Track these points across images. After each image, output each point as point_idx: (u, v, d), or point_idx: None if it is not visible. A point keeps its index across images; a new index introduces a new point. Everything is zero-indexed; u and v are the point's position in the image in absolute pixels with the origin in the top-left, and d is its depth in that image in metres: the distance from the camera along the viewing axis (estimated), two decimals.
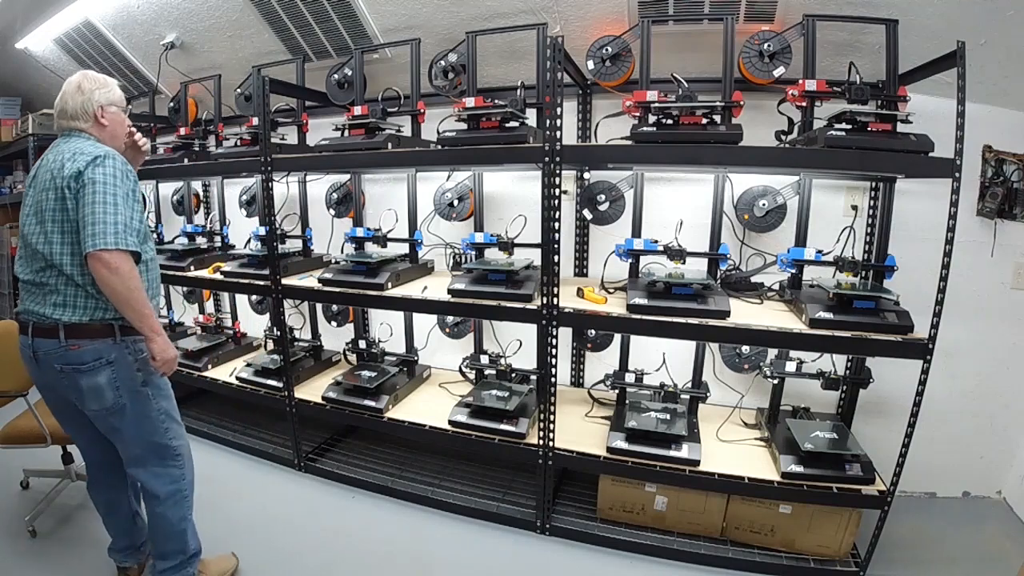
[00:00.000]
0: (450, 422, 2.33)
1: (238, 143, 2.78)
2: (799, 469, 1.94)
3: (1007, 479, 2.46)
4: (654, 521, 2.21)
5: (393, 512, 2.42)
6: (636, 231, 2.37)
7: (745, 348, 2.36)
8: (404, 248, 2.75)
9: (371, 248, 2.75)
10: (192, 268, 2.96)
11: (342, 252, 2.92)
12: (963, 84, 1.63)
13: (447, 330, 2.83)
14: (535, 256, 2.17)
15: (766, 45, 2.08)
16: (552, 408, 2.14)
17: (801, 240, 2.19)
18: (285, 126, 2.89)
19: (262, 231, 2.80)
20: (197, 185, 3.69)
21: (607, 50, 2.23)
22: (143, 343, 1.61)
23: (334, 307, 3.18)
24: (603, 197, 2.43)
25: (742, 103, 1.99)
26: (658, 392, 2.38)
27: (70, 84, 1.64)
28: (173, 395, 1.79)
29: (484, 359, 2.63)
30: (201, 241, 3.36)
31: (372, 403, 2.48)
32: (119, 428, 1.67)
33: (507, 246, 2.42)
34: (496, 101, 2.16)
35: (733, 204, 2.32)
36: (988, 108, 2.16)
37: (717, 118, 1.96)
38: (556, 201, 1.98)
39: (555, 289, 2.03)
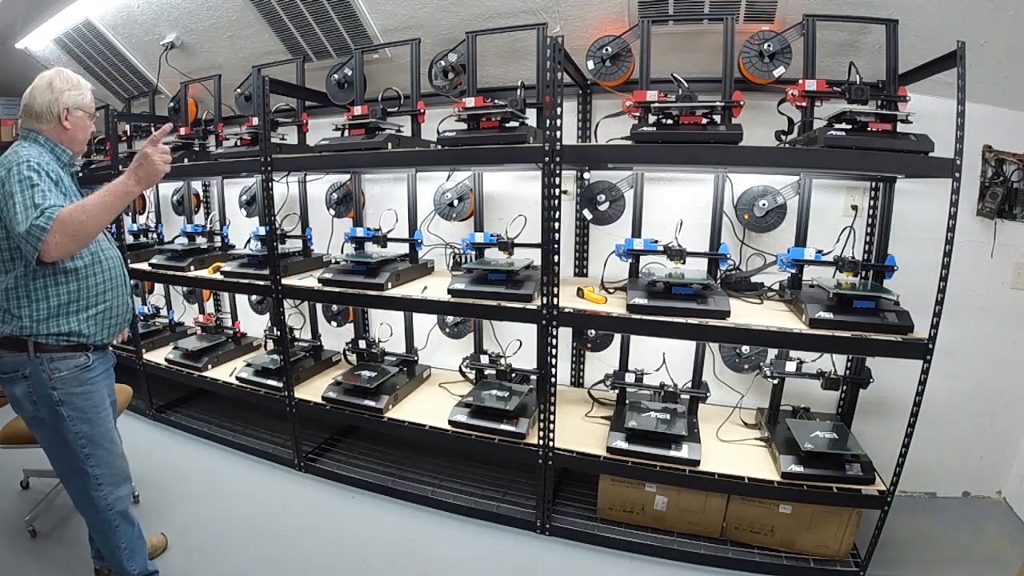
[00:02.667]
0: (450, 422, 2.33)
1: (238, 143, 2.78)
2: (799, 469, 1.94)
3: (1007, 479, 2.46)
4: (654, 521, 2.21)
5: (393, 512, 2.42)
6: (636, 231, 2.37)
7: (745, 348, 2.36)
8: (404, 248, 2.75)
9: (371, 248, 2.75)
10: (192, 268, 2.96)
11: (342, 252, 2.92)
12: (963, 84, 1.63)
13: (447, 330, 2.83)
14: (535, 256, 2.17)
15: (766, 45, 2.08)
16: (552, 408, 2.14)
17: (801, 240, 2.19)
18: (285, 126, 2.88)
19: (262, 231, 2.80)
20: (197, 185, 3.69)
21: (607, 50, 2.23)
22: (61, 361, 1.55)
23: (334, 307, 3.18)
24: (603, 197, 2.43)
25: (742, 103, 1.99)
26: (658, 392, 2.38)
27: (41, 79, 1.60)
28: (106, 419, 1.69)
29: (484, 359, 2.63)
30: (201, 241, 3.35)
31: (372, 403, 2.48)
32: (41, 441, 1.66)
33: (507, 246, 2.42)
34: (496, 101, 2.16)
35: (733, 204, 2.32)
36: (988, 108, 2.16)
37: (717, 118, 1.96)
38: (556, 201, 1.98)
39: (555, 289, 2.03)
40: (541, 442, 2.18)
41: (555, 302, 2.04)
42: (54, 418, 1.58)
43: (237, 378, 2.87)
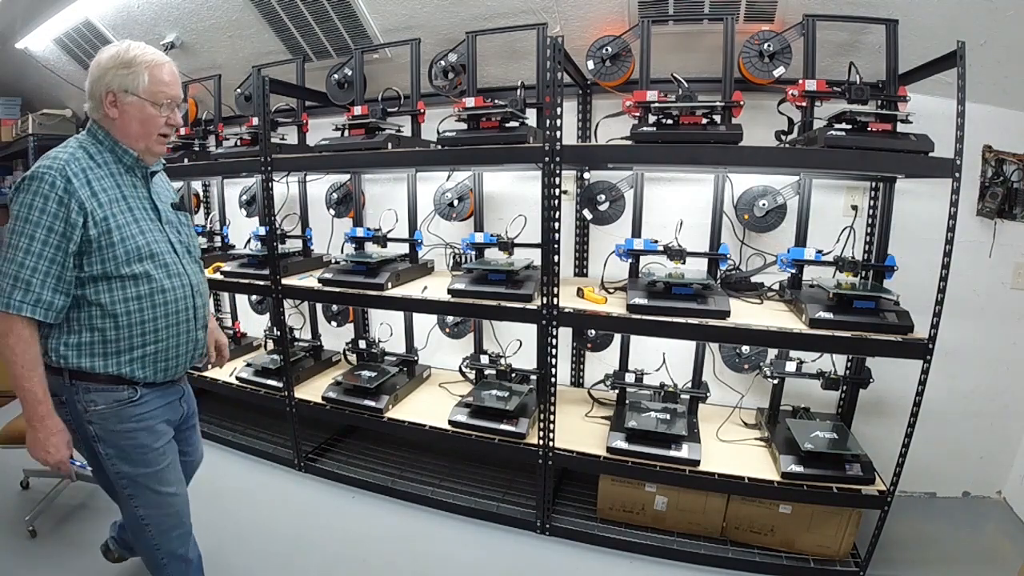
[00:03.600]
0: (450, 422, 2.33)
1: (238, 143, 2.78)
2: (799, 469, 1.94)
3: (1007, 479, 2.46)
4: (654, 521, 2.21)
5: (393, 512, 2.42)
6: (636, 231, 2.37)
7: (745, 348, 2.36)
8: (404, 248, 2.75)
9: (371, 248, 2.75)
10: None
11: (342, 252, 2.92)
12: (963, 84, 1.63)
13: (447, 330, 2.83)
14: (535, 256, 2.17)
15: (766, 45, 2.08)
16: (552, 408, 2.14)
17: (801, 240, 2.19)
18: (285, 126, 2.88)
19: (262, 231, 2.80)
20: (197, 185, 3.69)
21: (607, 50, 2.23)
22: (98, 393, 1.35)
23: (334, 307, 3.18)
24: (603, 197, 2.43)
25: (742, 103, 1.99)
26: (658, 392, 2.38)
27: (100, 54, 1.35)
28: (157, 459, 1.44)
29: (484, 359, 2.63)
30: (201, 241, 3.35)
31: (372, 403, 2.48)
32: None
33: (507, 246, 2.42)
34: (496, 101, 2.16)
35: (733, 204, 2.32)
36: (988, 108, 2.16)
37: (717, 118, 1.95)
38: (556, 201, 1.98)
39: (555, 289, 2.03)
40: (541, 442, 2.18)
41: (555, 302, 2.04)
42: (91, 453, 1.43)
43: (237, 378, 2.87)
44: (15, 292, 1.23)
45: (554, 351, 2.10)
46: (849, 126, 1.82)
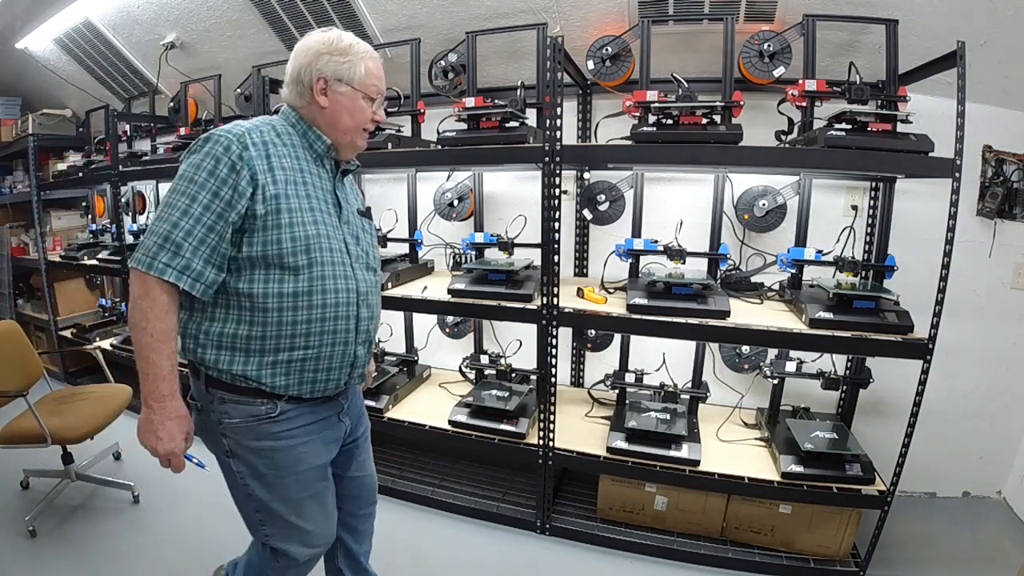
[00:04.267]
0: (450, 422, 2.33)
1: None
2: (799, 469, 1.94)
3: (1007, 479, 2.46)
4: (654, 521, 2.21)
5: (393, 512, 2.42)
6: (636, 231, 2.37)
7: (745, 348, 2.36)
8: (404, 248, 2.75)
9: None
10: None
11: None
12: (963, 84, 1.63)
13: (447, 330, 2.83)
14: (535, 256, 2.17)
15: (766, 45, 2.08)
16: (552, 408, 2.14)
17: (801, 240, 2.19)
18: None
19: None
20: None
21: (607, 50, 2.23)
22: (232, 405, 1.19)
23: None
24: (603, 197, 2.43)
25: (742, 103, 1.99)
26: (658, 392, 2.38)
27: (306, 39, 1.24)
28: (298, 485, 1.26)
29: (484, 359, 2.63)
30: None
31: (372, 403, 2.48)
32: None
33: (507, 246, 2.42)
34: (496, 101, 2.16)
35: (733, 204, 2.32)
36: (988, 108, 2.16)
37: (717, 118, 1.95)
38: (556, 201, 1.98)
39: (555, 289, 2.03)
40: (541, 442, 2.18)
41: (555, 302, 2.04)
42: (225, 468, 1.27)
43: None
44: (161, 253, 1.08)
45: (554, 351, 2.10)
46: (849, 126, 1.82)
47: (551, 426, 2.15)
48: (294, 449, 1.24)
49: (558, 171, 1.97)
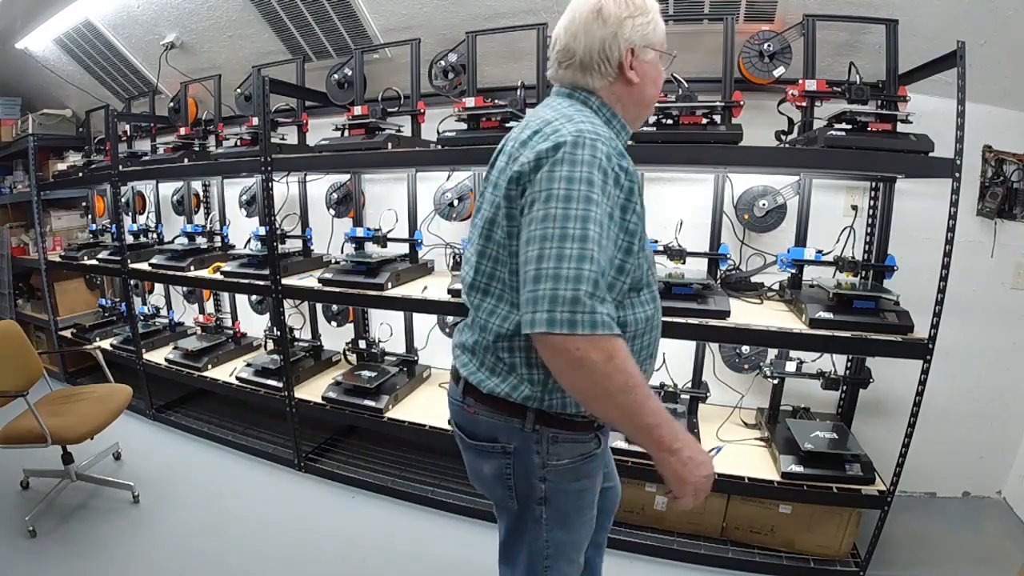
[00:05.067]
0: (450, 422, 2.32)
1: (238, 143, 2.78)
2: (799, 469, 1.94)
3: (1007, 479, 2.46)
4: (654, 521, 2.21)
5: (393, 512, 2.42)
6: None
7: (745, 348, 2.36)
8: (404, 248, 2.75)
9: (371, 248, 2.75)
10: (192, 268, 2.96)
11: (342, 252, 2.92)
12: (963, 84, 1.63)
13: (447, 330, 2.83)
14: None
15: (766, 45, 2.08)
16: None
17: (801, 240, 2.19)
18: (285, 126, 2.89)
19: (262, 231, 2.80)
20: (197, 185, 3.68)
21: None
22: (566, 445, 1.04)
23: (334, 307, 3.17)
24: None
25: (742, 103, 1.99)
26: (658, 392, 2.37)
27: (585, 4, 1.00)
28: (587, 524, 1.16)
29: None
30: (201, 241, 3.35)
31: (372, 403, 2.48)
32: (500, 522, 1.22)
33: None
34: (496, 101, 2.16)
35: (733, 204, 2.32)
36: (988, 108, 2.16)
37: (717, 118, 1.96)
38: None
39: None
40: None
41: None
42: (525, 512, 1.11)
43: (237, 378, 2.87)
44: (593, 301, 0.85)
45: None
46: (849, 126, 1.82)
47: None
48: (595, 484, 1.14)
49: None
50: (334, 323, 3.21)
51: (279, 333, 2.67)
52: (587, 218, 0.87)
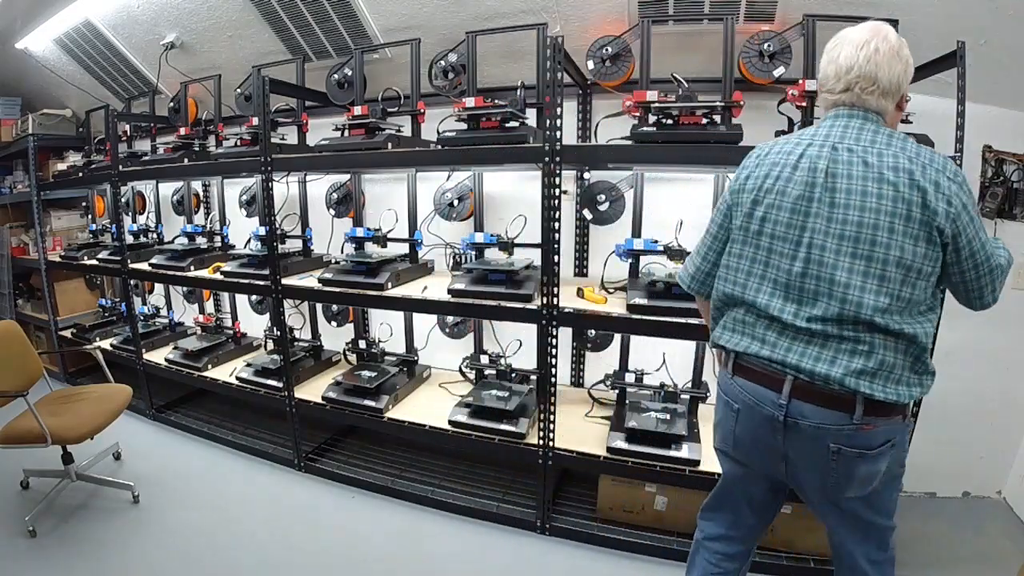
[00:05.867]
0: (450, 422, 2.33)
1: (238, 143, 2.78)
2: None
3: (1007, 479, 2.46)
4: (654, 521, 2.21)
5: (393, 512, 2.42)
6: (636, 231, 2.37)
7: None
8: (404, 248, 2.75)
9: (371, 248, 2.75)
10: (192, 268, 2.96)
11: (342, 252, 2.92)
12: (963, 84, 1.63)
13: (447, 330, 2.83)
14: (535, 256, 2.17)
15: (766, 45, 2.08)
16: (552, 408, 2.14)
17: None
18: (285, 126, 2.88)
19: (262, 231, 2.80)
20: (197, 185, 3.69)
21: (607, 50, 2.23)
22: (909, 433, 1.32)
23: (334, 307, 3.18)
24: (603, 197, 2.43)
25: (742, 103, 1.99)
26: (658, 392, 2.37)
27: (884, 43, 1.14)
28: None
29: (484, 359, 2.63)
30: (201, 241, 3.35)
31: (372, 403, 2.48)
32: (854, 512, 1.39)
33: (507, 246, 2.42)
34: (496, 101, 2.16)
35: None
36: (988, 108, 2.16)
37: (717, 118, 1.95)
38: (556, 201, 1.98)
39: (555, 289, 2.03)
40: (541, 442, 2.18)
41: (555, 302, 2.04)
42: (889, 486, 1.36)
43: (237, 378, 2.87)
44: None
45: (554, 351, 2.10)
46: None
47: (551, 426, 2.15)
48: None
49: (558, 171, 1.97)
50: (334, 323, 3.22)
51: (279, 333, 2.67)
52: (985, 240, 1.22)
